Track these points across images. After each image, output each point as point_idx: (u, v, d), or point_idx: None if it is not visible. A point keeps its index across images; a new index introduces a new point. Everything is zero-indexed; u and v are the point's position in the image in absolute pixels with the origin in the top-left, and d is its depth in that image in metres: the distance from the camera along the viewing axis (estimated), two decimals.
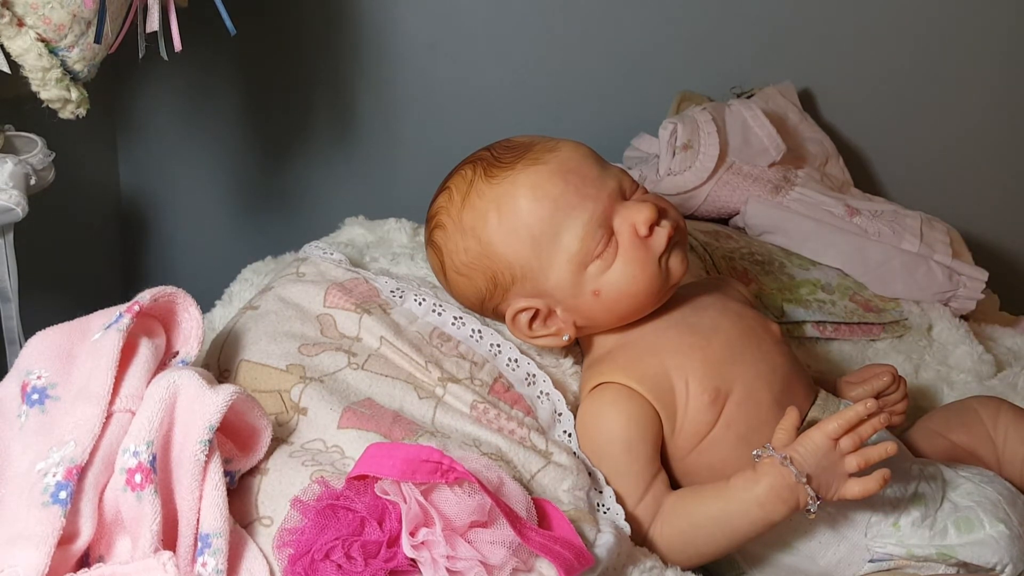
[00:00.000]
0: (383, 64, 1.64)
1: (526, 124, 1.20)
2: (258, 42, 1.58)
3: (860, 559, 0.94)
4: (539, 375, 0.98)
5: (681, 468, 0.96)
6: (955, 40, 1.72)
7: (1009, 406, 1.09)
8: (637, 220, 0.92)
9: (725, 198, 1.45)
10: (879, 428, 0.89)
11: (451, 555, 0.73)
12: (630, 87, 1.68)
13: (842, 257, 1.36)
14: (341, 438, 0.88)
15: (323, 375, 0.93)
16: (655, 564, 0.87)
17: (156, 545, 0.74)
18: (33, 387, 0.80)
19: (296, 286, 1.02)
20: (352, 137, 1.68)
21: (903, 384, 1.06)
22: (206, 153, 1.68)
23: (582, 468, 0.91)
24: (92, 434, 0.76)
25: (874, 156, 1.76)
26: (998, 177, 1.82)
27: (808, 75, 1.69)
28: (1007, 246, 1.81)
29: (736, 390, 0.95)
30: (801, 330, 1.24)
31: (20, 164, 1.02)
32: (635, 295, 0.94)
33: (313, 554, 0.74)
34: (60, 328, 0.84)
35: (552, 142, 0.96)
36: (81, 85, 1.03)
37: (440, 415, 0.92)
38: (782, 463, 0.87)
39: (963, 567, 0.94)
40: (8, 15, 0.95)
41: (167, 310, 0.87)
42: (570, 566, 0.76)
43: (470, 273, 0.96)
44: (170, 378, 0.80)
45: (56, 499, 0.73)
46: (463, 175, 0.97)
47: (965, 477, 0.99)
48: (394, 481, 0.76)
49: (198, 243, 1.73)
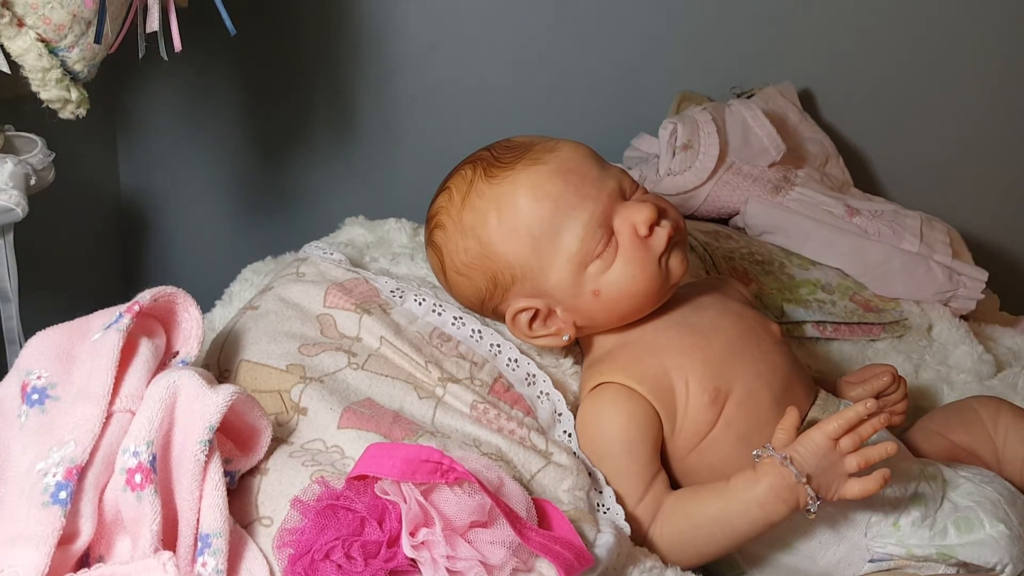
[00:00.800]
0: (383, 64, 1.63)
1: (526, 124, 1.20)
2: (258, 42, 1.58)
3: (860, 559, 0.94)
4: (539, 375, 0.98)
5: (681, 468, 0.96)
6: (955, 40, 1.72)
7: (1009, 406, 1.09)
8: (637, 220, 0.92)
9: (725, 198, 1.45)
10: (879, 428, 0.89)
11: (451, 555, 0.73)
12: (630, 87, 1.68)
13: (842, 257, 1.36)
14: (341, 438, 0.88)
15: (323, 375, 0.93)
16: (655, 564, 0.87)
17: (156, 545, 0.74)
18: (33, 387, 0.80)
19: (296, 286, 1.02)
20: (352, 137, 1.68)
21: (903, 384, 1.06)
22: (206, 153, 1.67)
23: (582, 468, 0.91)
24: (92, 434, 0.76)
25: (874, 156, 1.76)
26: (998, 177, 1.82)
27: (808, 75, 1.69)
28: (1007, 246, 1.81)
29: (736, 390, 0.95)
30: (801, 330, 1.24)
31: (20, 164, 1.02)
32: (635, 295, 0.94)
33: (313, 554, 0.74)
34: (60, 328, 0.84)
35: (552, 142, 0.96)
36: (81, 85, 1.03)
37: (440, 415, 0.92)
38: (782, 463, 0.87)
39: (963, 567, 0.94)
40: (8, 15, 0.95)
41: (167, 310, 0.87)
42: (570, 566, 0.76)
43: (470, 273, 0.96)
44: (170, 378, 0.80)
45: (56, 499, 0.73)
46: (463, 175, 0.97)
47: (965, 477, 0.99)
48: (394, 481, 0.76)
49: (198, 243, 1.73)
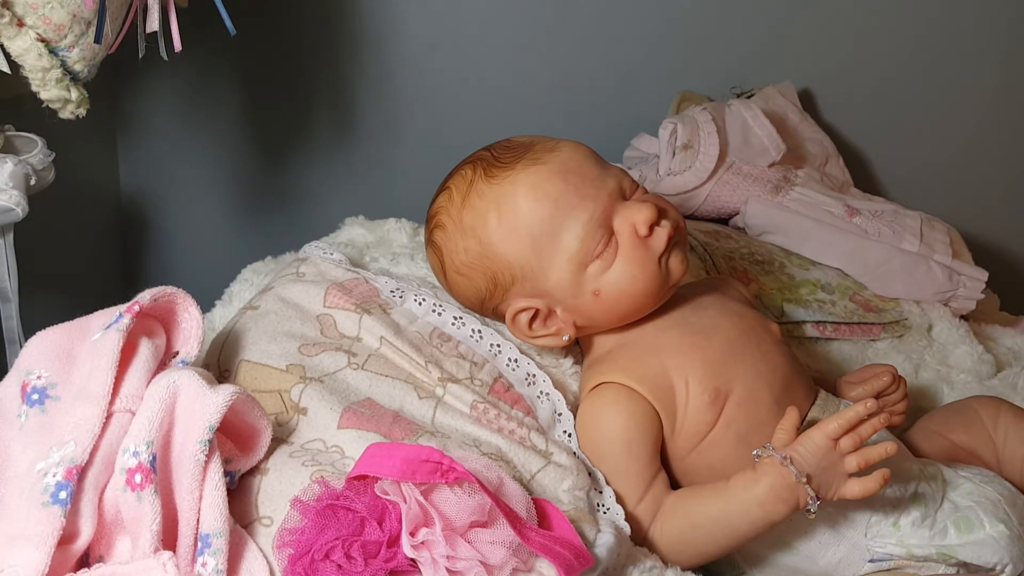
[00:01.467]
0: (383, 64, 1.63)
1: (526, 124, 1.20)
2: (258, 42, 1.58)
3: (860, 559, 0.94)
4: (539, 375, 0.98)
5: (681, 468, 0.96)
6: (955, 40, 1.72)
7: (1009, 406, 1.09)
8: (637, 220, 0.92)
9: (725, 198, 1.45)
10: (879, 428, 0.89)
11: (451, 555, 0.73)
12: (630, 87, 1.68)
13: (842, 257, 1.36)
14: (341, 438, 0.88)
15: (323, 375, 0.93)
16: (655, 564, 0.87)
17: (156, 545, 0.74)
18: (33, 387, 0.80)
19: (296, 286, 1.02)
20: (352, 137, 1.68)
21: (903, 384, 1.06)
22: (206, 153, 1.67)
23: (582, 468, 0.91)
24: (92, 434, 0.76)
25: (874, 156, 1.76)
26: (998, 177, 1.82)
27: (808, 75, 1.69)
28: (1007, 246, 1.81)
29: (736, 390, 0.95)
30: (801, 330, 1.24)
31: (20, 164, 1.02)
32: (635, 295, 0.94)
33: (313, 554, 0.74)
34: (60, 328, 0.84)
35: (552, 142, 0.96)
36: (81, 85, 1.03)
37: (440, 415, 0.92)
38: (782, 463, 0.87)
39: (963, 567, 0.94)
40: (8, 15, 0.95)
41: (167, 310, 0.87)
42: (570, 566, 0.76)
43: (470, 273, 0.96)
44: (170, 378, 0.80)
45: (56, 499, 0.73)
46: (463, 175, 0.97)
47: (965, 477, 0.99)
48: (394, 481, 0.76)
49: (198, 243, 1.73)
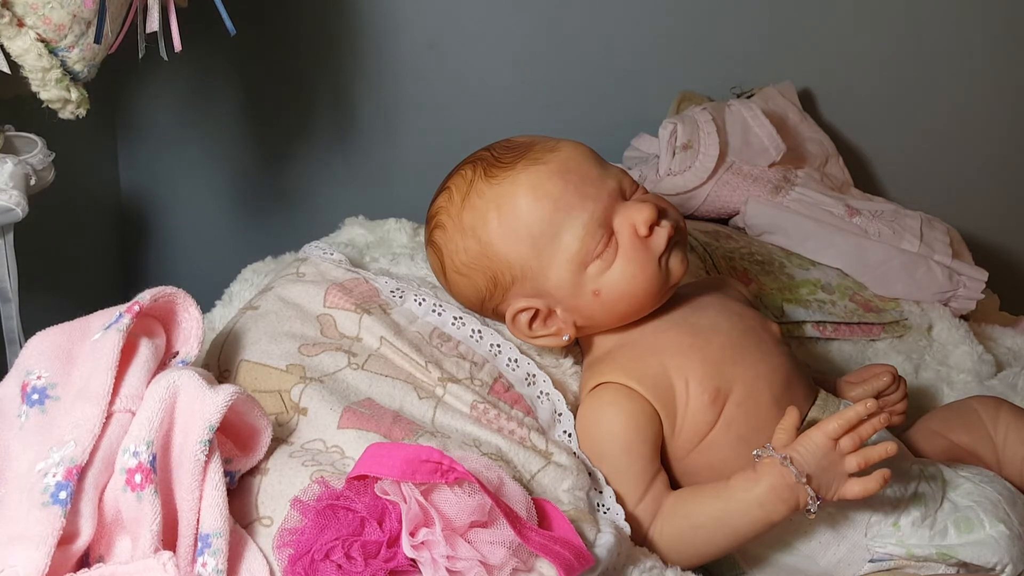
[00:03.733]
0: (383, 64, 1.63)
1: (526, 124, 1.20)
2: (258, 42, 1.58)
3: (860, 559, 0.94)
4: (539, 375, 0.98)
5: (681, 468, 0.96)
6: (955, 40, 1.72)
7: (1009, 406, 1.09)
8: (637, 220, 0.92)
9: (725, 198, 1.45)
10: (879, 428, 0.89)
11: (451, 555, 0.73)
12: (630, 87, 1.68)
13: (842, 257, 1.36)
14: (341, 438, 0.88)
15: (323, 375, 0.93)
16: (655, 564, 0.87)
17: (156, 545, 0.74)
18: (33, 387, 0.80)
19: (296, 286, 1.02)
20: (352, 137, 1.68)
21: (903, 384, 1.06)
22: (206, 153, 1.67)
23: (582, 468, 0.91)
24: (92, 434, 0.76)
25: (874, 156, 1.76)
26: (998, 177, 1.82)
27: (808, 75, 1.69)
28: (1007, 246, 1.81)
29: (736, 390, 0.95)
30: (801, 330, 1.24)
31: (20, 164, 1.02)
32: (635, 295, 0.94)
33: (313, 554, 0.74)
34: (60, 328, 0.84)
35: (552, 142, 0.96)
36: (81, 85, 1.03)
37: (440, 415, 0.92)
38: (782, 463, 0.87)
39: (963, 567, 0.94)
40: (8, 15, 0.95)
41: (167, 310, 0.87)
42: (570, 566, 0.76)
43: (470, 273, 0.96)
44: (170, 378, 0.80)
45: (56, 499, 0.73)
46: (463, 175, 0.97)
47: (965, 477, 0.99)
48: (394, 481, 0.76)
49: (198, 243, 1.73)
